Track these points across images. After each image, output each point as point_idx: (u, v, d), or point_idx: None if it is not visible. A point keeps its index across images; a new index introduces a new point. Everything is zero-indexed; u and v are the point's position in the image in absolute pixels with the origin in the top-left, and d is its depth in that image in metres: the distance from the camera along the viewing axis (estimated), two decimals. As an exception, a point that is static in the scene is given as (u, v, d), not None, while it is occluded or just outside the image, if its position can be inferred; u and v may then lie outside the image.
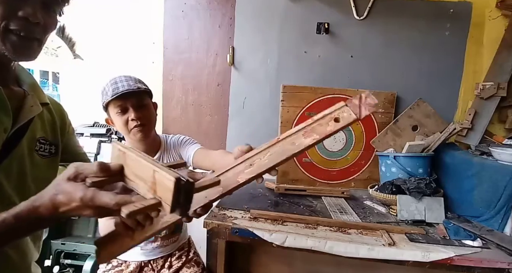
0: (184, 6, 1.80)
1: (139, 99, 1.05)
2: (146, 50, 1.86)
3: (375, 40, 1.68)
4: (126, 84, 1.02)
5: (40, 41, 0.57)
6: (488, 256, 0.98)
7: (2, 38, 0.51)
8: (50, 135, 0.67)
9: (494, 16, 1.61)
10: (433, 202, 1.23)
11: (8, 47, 0.52)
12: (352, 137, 1.67)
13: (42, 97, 0.67)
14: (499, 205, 1.14)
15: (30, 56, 0.57)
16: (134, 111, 1.02)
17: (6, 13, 0.50)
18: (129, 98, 1.02)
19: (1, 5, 0.50)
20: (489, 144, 1.47)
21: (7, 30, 0.51)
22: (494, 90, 1.52)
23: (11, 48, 0.52)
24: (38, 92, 0.66)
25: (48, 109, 0.69)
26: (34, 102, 0.62)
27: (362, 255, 0.98)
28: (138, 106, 1.04)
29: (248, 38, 1.75)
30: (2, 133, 0.55)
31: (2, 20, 0.50)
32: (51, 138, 0.67)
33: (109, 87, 1.03)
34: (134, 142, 1.10)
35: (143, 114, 1.04)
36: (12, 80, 0.62)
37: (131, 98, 1.02)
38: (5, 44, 0.52)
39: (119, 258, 1.18)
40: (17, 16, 0.51)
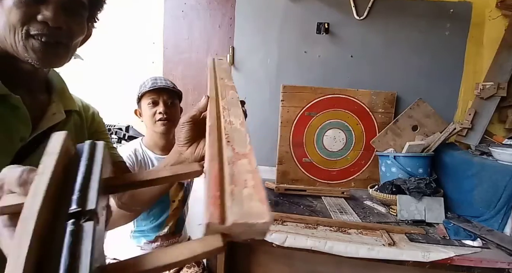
0: (184, 6, 1.79)
1: (171, 97, 1.18)
2: (146, 50, 1.86)
3: (375, 40, 1.68)
4: (164, 82, 1.17)
5: (67, 46, 0.55)
6: (488, 256, 0.98)
7: (24, 45, 0.50)
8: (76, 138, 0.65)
9: (494, 16, 1.61)
10: (433, 202, 1.23)
11: (31, 54, 0.51)
12: (352, 137, 1.67)
13: (69, 103, 0.64)
14: (499, 205, 1.14)
15: (56, 62, 0.55)
16: (164, 106, 1.15)
17: (25, 17, 0.49)
18: (162, 94, 1.15)
19: (19, 10, 0.48)
20: (489, 144, 1.47)
21: (29, 35, 0.50)
22: (494, 90, 1.52)
23: (34, 54, 0.51)
24: (65, 98, 0.64)
25: (78, 113, 0.67)
26: (58, 110, 0.60)
27: (362, 255, 0.98)
28: (168, 103, 1.16)
29: (248, 38, 1.75)
30: (18, 142, 0.53)
31: (22, 25, 0.49)
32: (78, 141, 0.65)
33: (148, 81, 1.18)
34: (154, 135, 1.19)
35: (171, 111, 1.16)
36: (39, 86, 0.61)
37: (164, 94, 1.15)
38: (27, 51, 0.50)
39: (118, 259, 1.19)
40: (36, 20, 0.49)
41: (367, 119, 1.66)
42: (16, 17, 0.49)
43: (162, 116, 1.13)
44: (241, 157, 0.27)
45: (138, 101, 1.20)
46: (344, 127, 1.66)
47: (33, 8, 0.49)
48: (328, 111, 1.65)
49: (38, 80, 0.60)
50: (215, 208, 0.21)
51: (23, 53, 0.51)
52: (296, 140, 1.66)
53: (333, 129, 1.67)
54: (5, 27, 0.50)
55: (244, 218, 0.20)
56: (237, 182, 0.24)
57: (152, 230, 1.19)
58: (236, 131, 0.33)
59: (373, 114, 1.66)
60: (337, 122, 1.66)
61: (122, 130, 1.83)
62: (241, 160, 0.27)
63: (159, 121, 1.14)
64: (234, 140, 0.30)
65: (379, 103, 1.65)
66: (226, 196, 0.22)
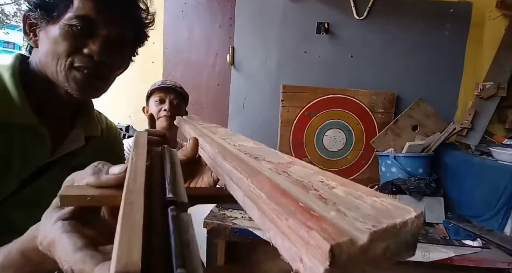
0: (184, 6, 1.79)
1: (178, 97, 1.24)
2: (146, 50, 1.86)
3: (375, 40, 1.68)
4: (173, 83, 1.26)
5: (107, 79, 0.56)
6: (488, 256, 0.98)
7: (66, 75, 0.51)
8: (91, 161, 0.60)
9: (494, 16, 1.61)
10: (433, 202, 1.22)
11: (71, 85, 0.51)
12: (352, 137, 1.67)
13: (92, 130, 0.64)
14: (499, 205, 1.14)
15: (94, 94, 0.56)
16: (170, 104, 1.21)
17: (71, 49, 0.50)
18: (169, 93, 1.22)
19: (67, 41, 0.50)
20: (489, 144, 1.47)
21: (72, 67, 0.51)
22: (494, 90, 1.52)
23: (75, 85, 0.52)
24: (89, 124, 0.64)
25: (99, 138, 0.66)
26: (77, 137, 0.59)
27: (362, 255, 0.98)
28: (174, 102, 1.23)
29: (248, 38, 1.75)
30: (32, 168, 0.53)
31: (68, 56, 0.50)
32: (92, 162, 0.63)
33: (158, 82, 1.27)
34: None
35: (175, 110, 1.22)
36: (67, 113, 0.61)
37: (171, 94, 1.22)
38: (68, 81, 0.51)
39: None
40: (82, 53, 0.51)
41: (367, 119, 1.66)
42: (63, 48, 0.50)
43: (167, 113, 1.19)
44: (289, 165, 0.21)
45: (147, 98, 1.26)
46: (344, 127, 1.66)
47: (81, 41, 0.50)
48: (328, 111, 1.65)
49: (69, 107, 0.60)
50: (317, 222, 0.13)
51: (63, 82, 0.51)
52: (296, 140, 1.66)
53: (333, 129, 1.67)
54: (48, 55, 0.51)
55: (380, 220, 0.13)
56: (312, 185, 0.17)
57: None
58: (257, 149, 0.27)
59: (373, 114, 1.66)
60: (337, 122, 1.66)
61: (122, 130, 1.83)
62: (294, 166, 0.21)
63: (162, 117, 1.19)
64: (262, 155, 0.25)
65: (379, 103, 1.65)
66: (315, 206, 0.15)
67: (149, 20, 0.60)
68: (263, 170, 0.20)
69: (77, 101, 0.61)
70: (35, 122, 0.51)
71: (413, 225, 0.13)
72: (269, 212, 0.16)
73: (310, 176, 0.19)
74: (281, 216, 0.15)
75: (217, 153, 0.28)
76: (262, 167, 0.21)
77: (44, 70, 0.53)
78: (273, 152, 0.26)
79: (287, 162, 0.22)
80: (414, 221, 0.13)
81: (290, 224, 0.14)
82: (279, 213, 0.15)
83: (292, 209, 0.15)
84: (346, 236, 0.12)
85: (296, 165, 0.21)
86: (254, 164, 0.22)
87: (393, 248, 0.13)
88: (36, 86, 0.54)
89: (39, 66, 0.54)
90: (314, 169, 0.20)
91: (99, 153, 0.65)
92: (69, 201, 0.24)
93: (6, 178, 0.50)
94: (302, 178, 0.19)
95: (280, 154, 0.26)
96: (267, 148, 0.28)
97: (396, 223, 0.13)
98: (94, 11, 0.50)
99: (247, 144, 0.30)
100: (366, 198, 0.15)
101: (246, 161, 0.24)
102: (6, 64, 0.53)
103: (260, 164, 0.22)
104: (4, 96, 0.50)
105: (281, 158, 0.24)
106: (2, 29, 6.08)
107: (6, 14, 5.62)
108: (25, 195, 0.52)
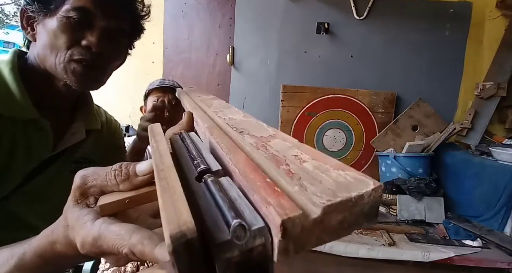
0: (184, 6, 1.79)
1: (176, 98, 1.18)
2: (146, 50, 1.86)
3: (375, 40, 1.68)
4: (171, 82, 1.23)
5: (104, 70, 0.57)
6: (488, 256, 0.98)
7: (64, 67, 0.51)
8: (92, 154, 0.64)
9: (494, 16, 1.61)
10: (433, 202, 1.22)
11: (70, 77, 0.52)
12: (352, 137, 1.67)
13: (92, 123, 0.64)
14: (499, 205, 1.14)
15: (92, 85, 0.56)
16: (168, 103, 1.19)
17: (70, 42, 0.50)
18: (168, 93, 1.19)
19: (65, 34, 0.50)
20: (489, 144, 1.47)
21: (71, 60, 0.51)
22: (494, 90, 1.52)
23: (73, 77, 0.52)
24: (89, 117, 0.64)
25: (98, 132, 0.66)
26: (78, 130, 0.60)
27: (362, 255, 0.98)
28: (172, 102, 1.21)
29: (248, 38, 1.75)
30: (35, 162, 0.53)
31: (67, 49, 0.51)
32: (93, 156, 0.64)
33: (157, 81, 1.25)
34: None
35: (173, 110, 1.19)
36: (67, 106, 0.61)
37: (169, 94, 1.20)
38: (67, 73, 0.52)
39: None
40: (80, 45, 0.51)
41: (367, 119, 1.66)
42: (61, 41, 0.50)
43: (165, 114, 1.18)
44: (270, 139, 0.21)
45: (145, 98, 1.26)
46: (344, 127, 1.66)
47: (78, 32, 0.51)
48: (328, 111, 1.65)
49: (68, 100, 0.60)
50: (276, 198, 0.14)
51: (62, 74, 0.52)
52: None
53: (333, 129, 1.67)
54: (47, 47, 0.51)
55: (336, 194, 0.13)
56: (285, 160, 0.17)
57: None
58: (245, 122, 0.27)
59: (373, 114, 1.66)
60: (337, 122, 1.66)
61: (122, 130, 1.83)
62: (274, 140, 0.21)
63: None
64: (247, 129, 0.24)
65: (379, 103, 1.65)
66: (282, 181, 0.15)
67: (144, 12, 0.61)
68: (244, 145, 0.21)
69: (76, 94, 0.61)
70: (36, 115, 0.52)
71: (370, 197, 0.14)
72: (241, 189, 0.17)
73: (287, 150, 0.19)
74: (249, 192, 0.16)
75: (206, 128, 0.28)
76: (244, 142, 0.21)
77: (42, 64, 0.53)
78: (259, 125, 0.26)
79: (269, 135, 0.23)
80: (371, 194, 0.13)
81: (255, 199, 0.15)
82: (247, 189, 0.16)
83: (258, 185, 0.15)
84: (299, 211, 0.13)
85: (277, 138, 0.21)
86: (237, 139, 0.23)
87: (350, 219, 0.14)
88: (35, 80, 0.54)
89: (38, 60, 0.54)
90: (293, 142, 0.20)
91: (99, 146, 0.66)
92: (110, 208, 0.24)
93: (10, 172, 0.50)
94: (278, 152, 0.19)
95: (265, 126, 0.26)
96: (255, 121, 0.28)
97: (352, 196, 0.13)
98: (91, 3, 0.51)
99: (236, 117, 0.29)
100: (332, 171, 0.15)
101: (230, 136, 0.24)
102: (5, 59, 0.54)
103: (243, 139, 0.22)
104: (4, 91, 0.50)
105: (265, 131, 0.24)
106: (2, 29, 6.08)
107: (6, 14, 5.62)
108: (28, 189, 0.52)
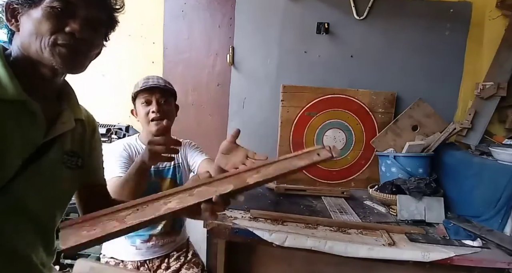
0: (184, 6, 1.79)
1: (164, 95, 1.17)
2: (146, 50, 1.86)
3: (375, 40, 1.68)
4: (156, 81, 1.17)
5: (87, 55, 0.61)
6: (488, 256, 0.98)
7: (50, 50, 0.55)
8: (79, 148, 0.69)
9: (494, 16, 1.61)
10: (433, 202, 1.22)
11: (57, 59, 0.56)
12: (352, 137, 1.67)
13: (77, 112, 0.69)
14: (499, 205, 1.14)
15: (77, 68, 0.61)
16: (157, 104, 1.15)
17: (54, 28, 0.55)
18: (154, 93, 1.15)
19: (50, 21, 0.54)
20: (489, 144, 1.47)
21: (56, 44, 0.55)
22: (494, 90, 1.52)
23: (60, 59, 0.56)
24: (74, 107, 0.68)
25: (81, 123, 0.71)
26: (68, 118, 0.64)
27: (362, 255, 0.98)
28: (161, 101, 1.17)
29: (248, 38, 1.75)
30: (33, 146, 0.57)
31: (51, 34, 0.55)
32: (80, 151, 0.69)
33: (141, 81, 1.18)
34: (150, 134, 1.18)
35: (163, 109, 1.17)
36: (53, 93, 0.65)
37: (156, 93, 1.16)
38: (54, 56, 0.56)
39: (116, 258, 1.18)
40: (64, 32, 0.56)
41: (367, 119, 1.66)
42: (46, 28, 0.55)
43: (155, 115, 1.14)
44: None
45: (133, 101, 1.21)
46: (344, 127, 1.66)
47: (62, 20, 0.56)
48: (328, 111, 1.65)
49: (53, 87, 0.64)
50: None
51: (49, 57, 0.56)
52: (296, 140, 1.66)
53: (333, 129, 1.67)
54: (32, 35, 0.55)
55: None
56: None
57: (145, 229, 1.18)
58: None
59: (373, 114, 1.66)
60: (337, 122, 1.66)
61: (122, 130, 1.83)
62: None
63: (152, 121, 1.15)
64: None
65: (379, 103, 1.65)
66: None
67: (119, 5, 0.66)
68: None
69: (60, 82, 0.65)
70: (26, 97, 0.55)
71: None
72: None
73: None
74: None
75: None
76: None
77: (26, 51, 0.57)
78: None
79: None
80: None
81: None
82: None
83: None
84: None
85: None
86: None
87: None
88: (20, 68, 0.57)
89: (22, 49, 0.57)
90: None
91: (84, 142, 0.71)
92: None
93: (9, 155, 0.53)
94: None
95: None
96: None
97: None
98: None
99: None
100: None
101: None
102: None
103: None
104: None
105: None
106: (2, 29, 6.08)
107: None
108: (27, 175, 0.56)
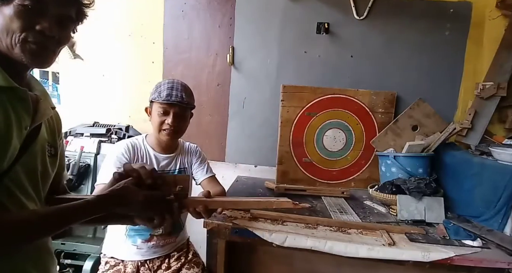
0: (184, 6, 1.79)
1: (182, 110, 1.18)
2: (146, 50, 1.86)
3: (375, 40, 1.68)
4: (180, 94, 1.15)
5: (54, 52, 0.65)
6: (488, 256, 0.98)
7: (21, 47, 0.58)
8: (51, 138, 0.74)
9: (494, 16, 1.61)
10: (433, 202, 1.22)
11: (26, 55, 0.59)
12: (352, 137, 1.67)
13: (50, 101, 0.73)
14: (499, 205, 1.14)
15: (45, 63, 0.64)
16: (173, 118, 1.14)
17: (25, 26, 0.57)
18: (174, 106, 1.14)
19: (20, 19, 0.57)
20: (489, 144, 1.47)
21: (26, 41, 0.58)
22: (494, 90, 1.52)
23: (29, 55, 0.59)
24: (46, 96, 0.72)
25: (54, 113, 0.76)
26: (46, 106, 0.69)
27: (362, 255, 0.98)
28: (178, 116, 1.16)
29: (248, 38, 1.75)
30: (24, 130, 0.61)
31: (22, 32, 0.57)
32: (52, 141, 0.74)
33: (165, 88, 1.15)
34: (156, 138, 1.20)
35: (179, 124, 1.17)
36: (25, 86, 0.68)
37: (176, 107, 1.15)
38: (24, 52, 0.58)
39: (116, 258, 1.19)
40: (34, 29, 0.58)
41: (367, 119, 1.66)
42: (17, 25, 0.57)
43: (169, 128, 1.14)
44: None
45: (150, 102, 1.20)
46: (344, 127, 1.66)
47: (32, 18, 0.58)
48: (328, 111, 1.65)
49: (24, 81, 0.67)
50: None
51: (19, 53, 0.58)
52: (296, 140, 1.66)
53: (333, 129, 1.67)
54: (3, 31, 0.58)
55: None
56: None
57: (146, 229, 1.18)
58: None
59: (373, 114, 1.66)
60: (337, 122, 1.66)
61: (122, 130, 1.83)
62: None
63: (164, 131, 1.15)
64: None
65: (379, 103, 1.65)
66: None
67: (88, 1, 0.69)
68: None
69: (27, 75, 0.68)
70: (15, 84, 0.58)
71: None
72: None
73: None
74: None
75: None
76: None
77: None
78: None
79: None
80: None
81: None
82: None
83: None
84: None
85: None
86: None
87: None
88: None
89: None
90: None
91: (55, 131, 0.76)
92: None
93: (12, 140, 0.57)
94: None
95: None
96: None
97: None
98: None
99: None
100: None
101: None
102: None
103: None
104: None
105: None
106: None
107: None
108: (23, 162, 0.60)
